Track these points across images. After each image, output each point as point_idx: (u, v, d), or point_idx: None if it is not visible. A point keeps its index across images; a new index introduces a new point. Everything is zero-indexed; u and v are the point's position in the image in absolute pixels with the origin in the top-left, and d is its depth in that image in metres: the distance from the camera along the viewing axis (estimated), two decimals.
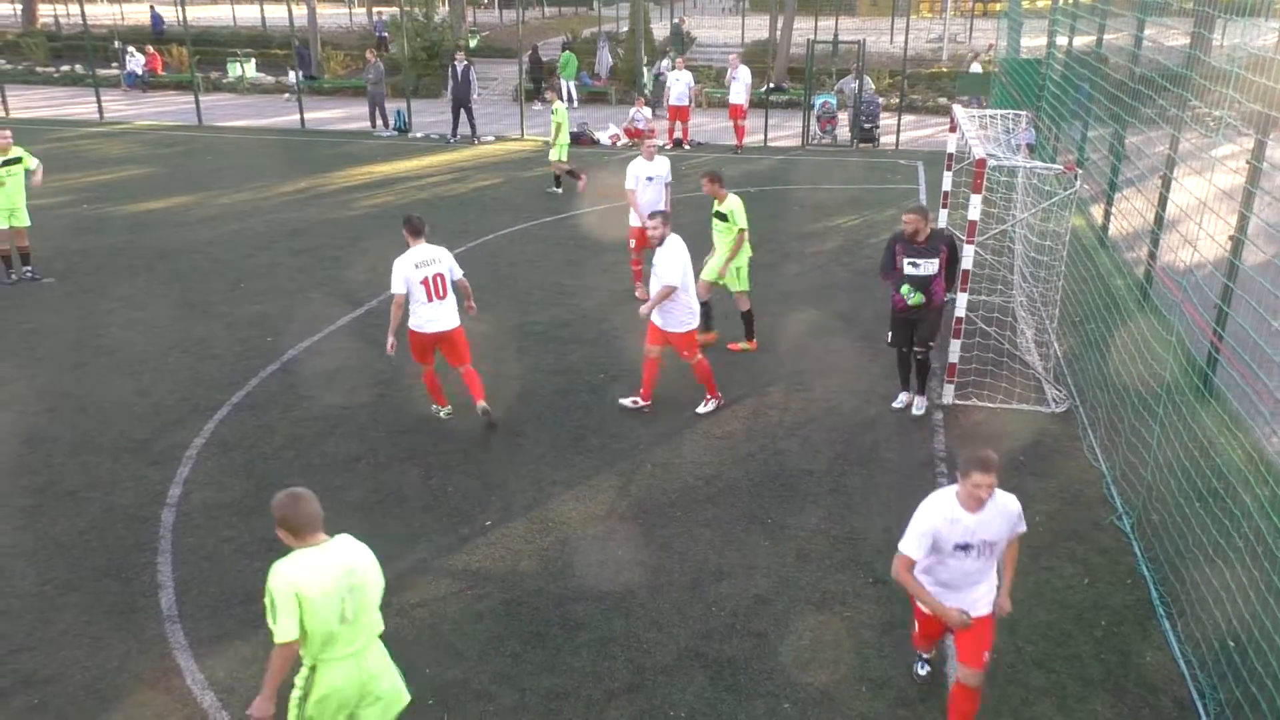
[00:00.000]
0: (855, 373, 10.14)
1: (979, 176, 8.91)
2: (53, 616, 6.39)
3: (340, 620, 4.31)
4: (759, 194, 18.18)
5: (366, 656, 4.48)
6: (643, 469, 8.27)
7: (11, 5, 47.28)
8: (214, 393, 9.59)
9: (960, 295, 9.12)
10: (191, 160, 21.19)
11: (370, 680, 4.49)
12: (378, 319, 11.56)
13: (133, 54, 32.22)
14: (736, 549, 7.15)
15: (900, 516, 7.52)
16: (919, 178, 19.57)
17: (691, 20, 41.06)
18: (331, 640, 4.33)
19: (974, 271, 9.35)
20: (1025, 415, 9.24)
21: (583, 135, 23.37)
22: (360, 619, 4.39)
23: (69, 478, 8.07)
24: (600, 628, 6.32)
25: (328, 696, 4.39)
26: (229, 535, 7.30)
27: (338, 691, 4.40)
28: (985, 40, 33.43)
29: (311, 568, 4.27)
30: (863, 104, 22.76)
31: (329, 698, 4.40)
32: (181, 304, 12.12)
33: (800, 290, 12.75)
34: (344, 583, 4.32)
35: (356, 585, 4.37)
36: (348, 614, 4.32)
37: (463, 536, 7.29)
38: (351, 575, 4.36)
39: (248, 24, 41.64)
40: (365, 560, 4.48)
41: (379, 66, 24.83)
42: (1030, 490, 7.93)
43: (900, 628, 6.30)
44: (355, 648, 4.41)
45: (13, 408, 9.28)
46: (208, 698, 5.71)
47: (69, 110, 27.73)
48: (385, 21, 36.34)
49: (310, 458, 8.41)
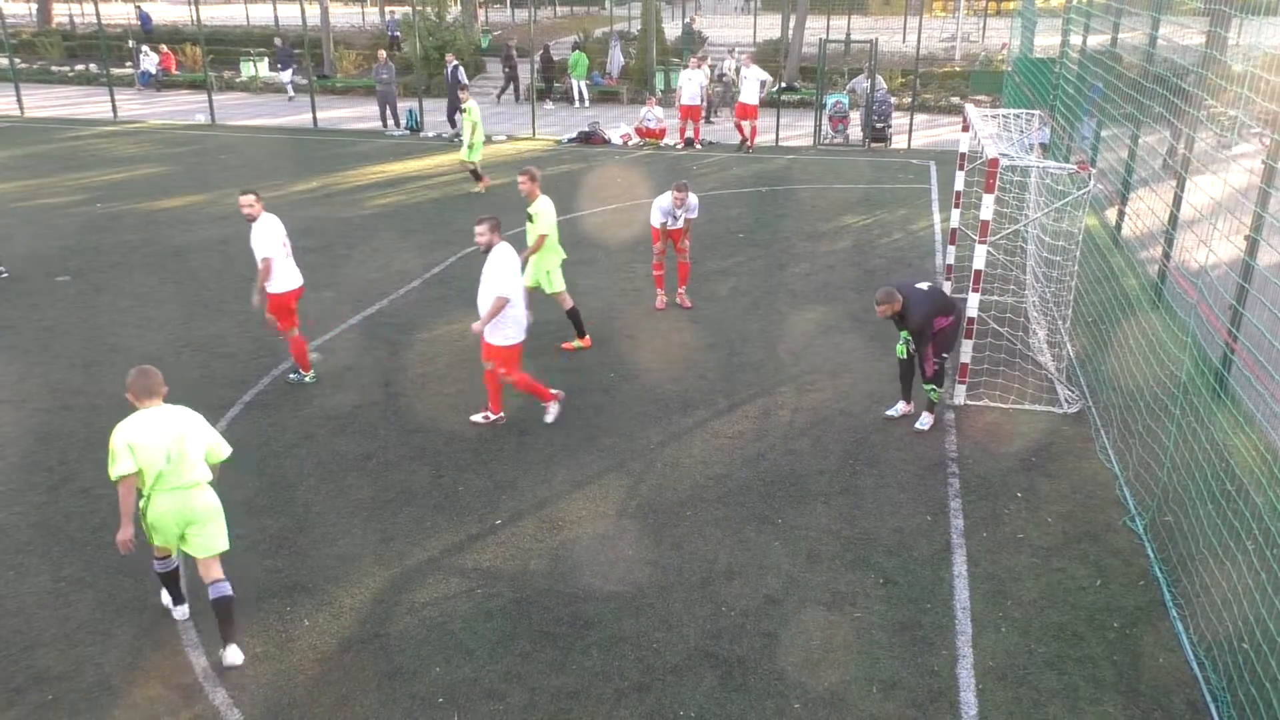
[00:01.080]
0: (866, 373, 10.11)
1: (991, 176, 8.88)
2: (66, 613, 6.42)
3: (166, 462, 5.77)
4: (770, 193, 18.16)
5: (190, 494, 5.89)
6: (653, 469, 8.27)
7: (27, 4, 47.57)
8: (226, 391, 9.62)
9: (972, 295, 9.08)
10: (204, 159, 21.28)
11: (191, 512, 5.91)
12: (391, 317, 11.59)
13: (147, 53, 32.39)
14: (747, 549, 7.14)
15: (912, 517, 7.54)
16: (931, 177, 19.51)
17: (703, 19, 41.03)
18: (160, 478, 5.79)
19: (986, 271, 9.31)
20: (1038, 416, 9.20)
21: (594, 134, 23.38)
22: (181, 464, 5.82)
23: (83, 474, 8.11)
24: (610, 627, 6.31)
25: (160, 517, 5.88)
26: (240, 533, 7.31)
27: (164, 514, 5.87)
28: (998, 39, 33.33)
29: (143, 424, 5.82)
30: (875, 103, 22.70)
31: (161, 518, 5.88)
32: (194, 302, 12.17)
33: (810, 290, 12.73)
34: (167, 435, 5.80)
35: (176, 437, 5.83)
36: (171, 458, 5.78)
37: (473, 535, 7.30)
38: (173, 431, 5.83)
39: (261, 24, 41.80)
40: (189, 423, 5.95)
41: (390, 66, 24.89)
42: (1042, 491, 7.90)
43: (911, 628, 6.29)
44: (178, 484, 5.84)
45: (27, 404, 9.33)
46: (219, 695, 5.73)
47: (83, 109, 27.88)
48: (398, 21, 36.39)
49: (321, 456, 8.43)
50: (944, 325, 8.56)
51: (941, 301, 8.58)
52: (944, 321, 8.56)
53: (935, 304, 8.48)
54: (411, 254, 14.23)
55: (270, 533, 7.31)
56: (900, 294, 8.38)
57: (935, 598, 6.61)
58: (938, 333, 8.55)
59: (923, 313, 8.38)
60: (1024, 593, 6.66)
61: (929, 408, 8.91)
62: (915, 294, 8.44)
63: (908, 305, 8.38)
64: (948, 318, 8.58)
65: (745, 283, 13.03)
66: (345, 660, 6.01)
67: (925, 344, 8.55)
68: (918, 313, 8.38)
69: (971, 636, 6.23)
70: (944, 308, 8.56)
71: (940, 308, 8.52)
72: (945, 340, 8.65)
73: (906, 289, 8.46)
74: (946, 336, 8.64)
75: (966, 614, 6.45)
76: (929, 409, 8.91)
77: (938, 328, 8.52)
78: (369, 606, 6.50)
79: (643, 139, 23.11)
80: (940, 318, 8.52)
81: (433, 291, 12.65)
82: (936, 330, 8.52)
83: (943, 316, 8.54)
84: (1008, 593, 6.66)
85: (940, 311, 8.51)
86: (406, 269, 13.51)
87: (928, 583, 6.77)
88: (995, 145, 9.62)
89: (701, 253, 14.13)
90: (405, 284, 12.89)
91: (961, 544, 7.21)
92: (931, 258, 14.13)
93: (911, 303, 8.38)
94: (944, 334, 8.60)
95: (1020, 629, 6.30)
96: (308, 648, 6.12)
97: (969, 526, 7.42)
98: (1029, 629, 6.29)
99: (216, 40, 33.08)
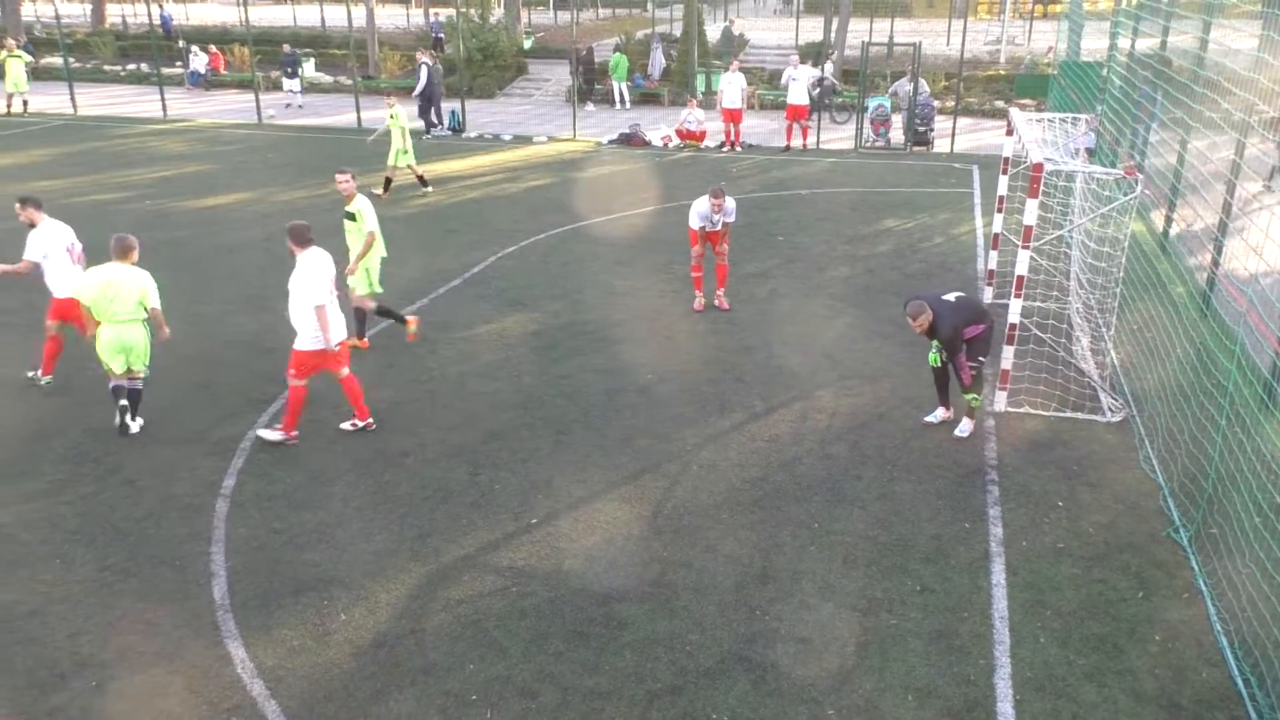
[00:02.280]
0: (905, 378, 10.02)
1: (1036, 181, 8.77)
2: (111, 602, 6.54)
3: (108, 303, 8.41)
4: (810, 196, 18.07)
5: (126, 328, 8.58)
6: (689, 470, 8.26)
7: (81, 5, 48.58)
8: (269, 386, 9.75)
9: (1014, 301, 8.98)
10: (250, 158, 21.59)
11: (126, 341, 8.60)
12: (430, 316, 11.68)
13: (196, 53, 32.94)
14: (782, 553, 7.11)
15: (950, 524, 7.47)
16: (974, 182, 19.31)
17: (744, 22, 40.93)
18: (106, 314, 8.45)
19: (1029, 277, 9.19)
20: (1080, 424, 9.07)
21: (634, 136, 23.41)
22: (116, 305, 8.45)
23: (129, 466, 8.26)
24: (643, 628, 6.32)
25: (106, 343, 8.53)
26: (280, 526, 7.42)
27: (108, 342, 8.53)
28: (1044, 42, 32.92)
29: (101, 273, 8.46)
30: (917, 106, 22.52)
31: (106, 344, 8.54)
32: (239, 298, 12.35)
33: (850, 293, 12.65)
34: (111, 283, 8.43)
35: (117, 284, 8.44)
36: (109, 299, 8.42)
37: (508, 533, 7.34)
38: (116, 280, 8.44)
39: (308, 25, 42.35)
40: (130, 276, 8.53)
41: (437, 67, 25.06)
42: (1084, 500, 7.79)
43: (948, 636, 6.22)
44: (118, 319, 8.50)
45: (77, 395, 9.52)
46: (256, 686, 5.80)
47: (134, 108, 28.40)
48: (441, 23, 36.71)
49: (360, 452, 8.52)
50: (976, 333, 8.48)
51: (970, 311, 8.50)
52: (976, 330, 8.48)
53: (963, 314, 8.41)
54: (451, 253, 14.34)
55: (309, 527, 7.40)
56: (929, 307, 8.34)
57: (973, 606, 6.54)
58: (971, 340, 8.47)
59: (951, 324, 8.32)
60: (1064, 603, 6.56)
61: (969, 413, 8.82)
62: (943, 306, 8.39)
63: (937, 318, 8.33)
64: (979, 326, 8.50)
65: (784, 285, 12.98)
66: (380, 655, 6.07)
67: (957, 353, 8.47)
68: (946, 324, 8.32)
69: (1009, 646, 6.16)
70: (973, 317, 8.49)
71: (969, 317, 8.44)
72: (980, 347, 8.57)
73: (934, 301, 8.41)
74: (981, 343, 8.56)
75: (1005, 623, 6.37)
76: (969, 414, 8.82)
77: (969, 336, 8.45)
78: (404, 602, 6.56)
79: (683, 141, 23.10)
80: (971, 326, 8.44)
81: (472, 290, 12.73)
82: (969, 338, 8.45)
83: (974, 325, 8.46)
84: (1047, 602, 6.57)
85: (970, 321, 8.44)
86: (446, 268, 13.62)
87: (965, 591, 6.70)
88: (1040, 149, 9.49)
89: (740, 255, 14.10)
90: (445, 283, 12.99)
91: (1000, 552, 7.12)
92: (973, 262, 13.99)
93: (940, 315, 8.33)
94: (978, 341, 8.53)
95: (1060, 640, 6.21)
96: (344, 641, 6.18)
97: (1008, 535, 7.33)
98: (1068, 640, 6.20)
99: (264, 41, 33.51)
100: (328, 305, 8.35)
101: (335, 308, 8.51)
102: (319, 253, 8.49)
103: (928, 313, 8.31)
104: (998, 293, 11.98)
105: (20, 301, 11.70)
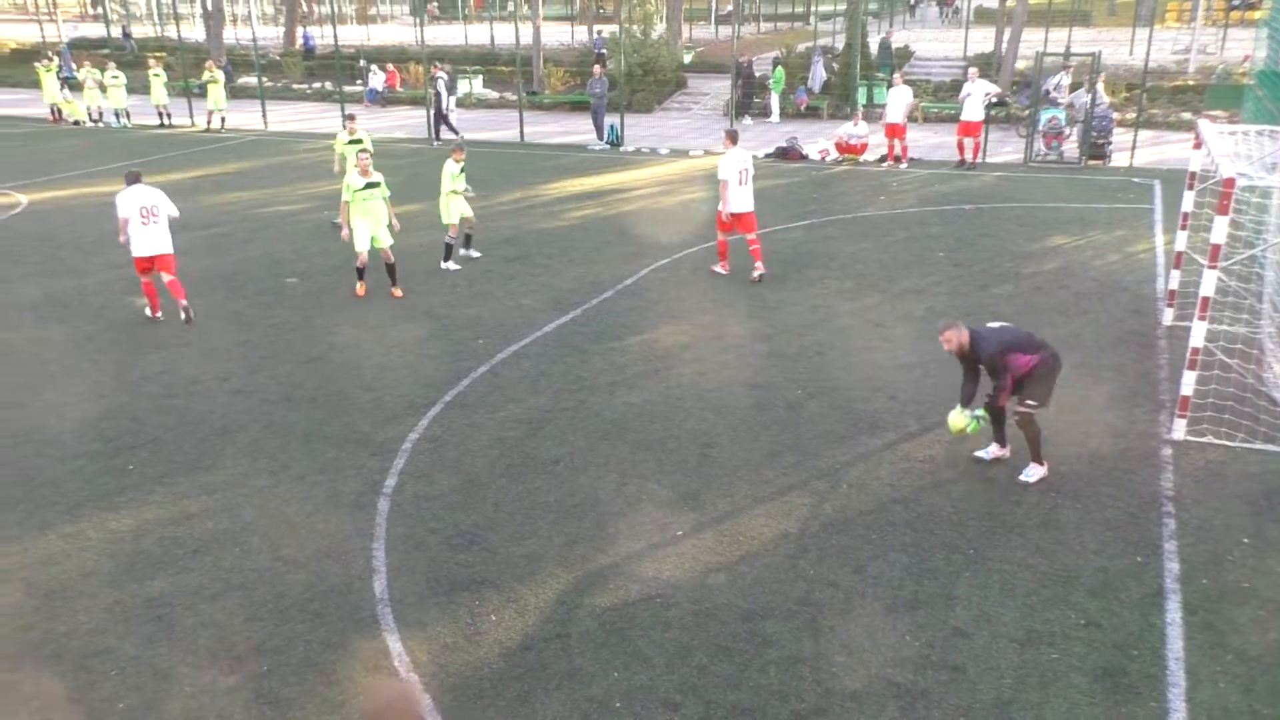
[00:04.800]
0: (1073, 401, 9.53)
1: (1226, 196, 8.20)
2: (282, 590, 6.93)
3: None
4: (974, 212, 17.47)
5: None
6: (839, 489, 8.09)
7: (275, 28, 52.06)
8: (429, 390, 10.14)
9: (1197, 324, 8.41)
10: (423, 170, 22.54)
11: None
12: (583, 326, 11.90)
13: (375, 71, 34.71)
14: (934, 577, 6.87)
15: (1119, 557, 7.04)
16: (1154, 197, 18.23)
17: (909, 33, 40.03)
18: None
19: (1215, 299, 8.60)
20: (1269, 456, 8.40)
21: (791, 149, 23.22)
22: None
23: (301, 462, 8.75)
24: (788, 646, 6.22)
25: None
26: (436, 526, 7.69)
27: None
28: (1239, 51, 30.80)
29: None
30: (1094, 118, 21.45)
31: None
32: (405, 305, 12.90)
33: (1014, 311, 12.13)
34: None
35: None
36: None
37: (654, 544, 7.37)
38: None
39: (478, 44, 43.99)
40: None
41: (604, 80, 25.55)
42: (1272, 537, 7.21)
43: (1115, 675, 5.86)
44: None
45: (255, 395, 10.15)
46: (412, 679, 6.02)
47: (318, 124, 30.15)
48: (604, 39, 37.45)
49: (513, 457, 8.74)
50: (1027, 363, 7.88)
51: (1015, 339, 7.99)
52: (1026, 359, 7.88)
53: (1006, 340, 7.94)
54: (605, 265, 14.57)
55: (462, 528, 7.64)
56: (967, 329, 8.02)
57: (1144, 645, 6.14)
58: (1026, 374, 7.90)
59: (990, 349, 7.90)
60: (1248, 647, 6.08)
61: (1036, 458, 8.20)
62: (984, 330, 8.08)
63: (976, 340, 7.96)
64: (1030, 356, 7.90)
65: (943, 303, 12.58)
66: (528, 658, 6.19)
67: (1002, 376, 7.93)
68: (987, 347, 7.91)
69: (1185, 690, 5.75)
70: (1020, 344, 7.94)
71: (1012, 344, 7.92)
72: (1035, 382, 7.95)
73: (975, 327, 8.12)
74: (1036, 378, 7.94)
75: (1180, 665, 5.95)
76: (1036, 460, 8.20)
77: (1019, 364, 7.87)
78: (552, 607, 6.67)
79: (841, 155, 22.75)
80: (1018, 354, 7.88)
81: (625, 302, 12.89)
82: (1024, 370, 7.88)
83: (1022, 353, 7.89)
84: (1229, 645, 6.10)
85: (1015, 348, 7.90)
86: (600, 280, 13.84)
87: (1136, 628, 6.30)
88: (1232, 163, 8.88)
89: (897, 271, 13.78)
90: (598, 294, 13.21)
91: (1176, 589, 6.67)
92: (1151, 282, 13.19)
93: (980, 337, 7.97)
94: (1033, 375, 7.92)
95: (1242, 686, 5.76)
96: (494, 642, 6.34)
97: (1185, 571, 6.86)
98: (1252, 686, 5.74)
99: (438, 58, 35.02)
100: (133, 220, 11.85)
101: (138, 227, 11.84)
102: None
103: (960, 330, 7.98)
104: (1179, 314, 11.25)
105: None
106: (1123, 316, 11.95)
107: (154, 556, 7.33)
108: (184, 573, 7.13)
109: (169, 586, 6.97)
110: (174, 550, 7.41)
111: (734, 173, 13.53)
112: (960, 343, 8.03)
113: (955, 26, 42.27)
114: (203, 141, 27.40)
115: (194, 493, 8.24)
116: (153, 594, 6.88)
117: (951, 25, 45.63)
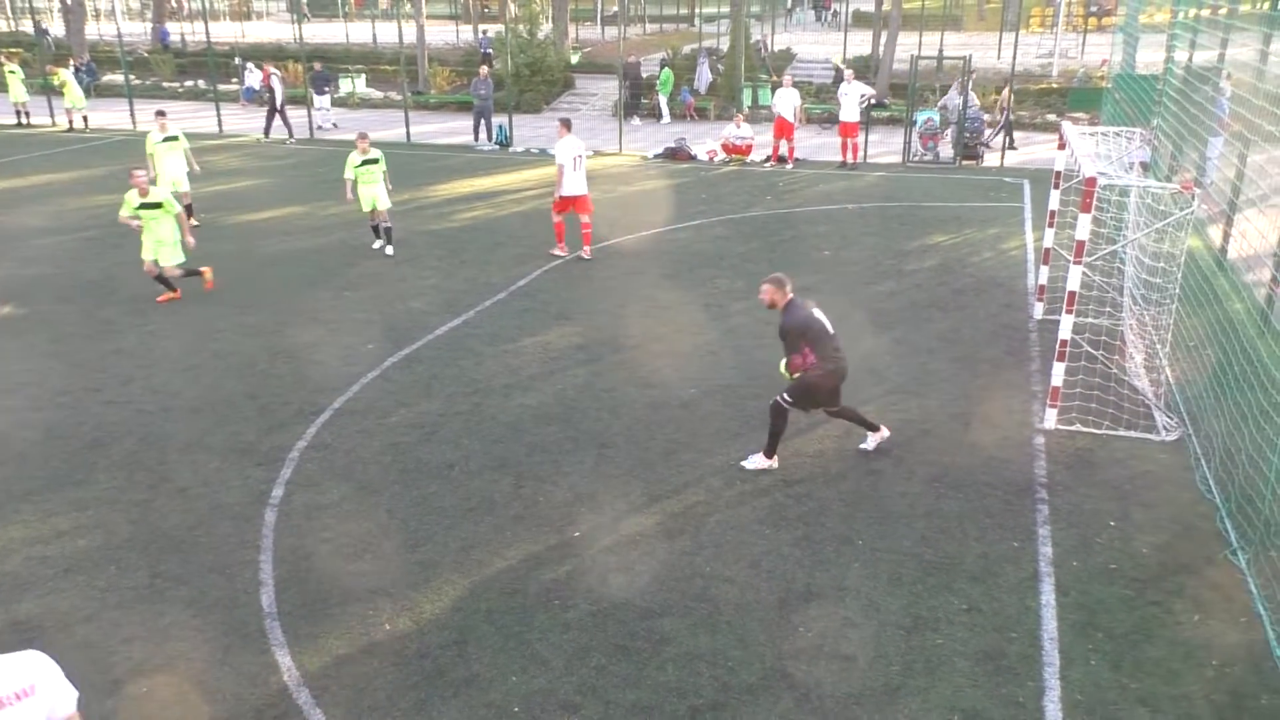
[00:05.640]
0: (952, 394, 9.90)
1: (1088, 195, 8.64)
2: (162, 608, 6.66)
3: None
4: (856, 210, 17.96)
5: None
6: (732, 485, 8.22)
7: (142, 24, 49.89)
8: (317, 397, 9.89)
9: (1065, 317, 8.84)
10: (300, 172, 21.96)
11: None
12: (477, 328, 11.78)
13: (251, 70, 33.60)
14: (826, 569, 7.04)
15: (998, 543, 7.35)
16: (1024, 196, 19.07)
17: (790, 35, 40.88)
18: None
19: (1081, 293, 9.05)
20: (1133, 442, 8.89)
21: (680, 150, 23.45)
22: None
23: (181, 475, 8.41)
24: (686, 643, 6.29)
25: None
26: (327, 537, 7.50)
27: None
28: (1098, 55, 32.45)
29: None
30: (967, 120, 22.31)
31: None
32: (289, 310, 12.54)
33: (897, 309, 12.53)
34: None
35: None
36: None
37: (551, 546, 7.35)
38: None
39: (360, 42, 43.03)
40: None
41: (489, 81, 25.32)
42: (1137, 520, 7.62)
43: (995, 657, 6.12)
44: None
45: (130, 406, 9.72)
46: (302, 694, 5.86)
47: (191, 124, 29.00)
48: (490, 39, 37.09)
49: (406, 463, 8.60)
50: (810, 363, 8.02)
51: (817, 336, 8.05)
52: (811, 360, 8.00)
53: (810, 332, 8.02)
54: (497, 266, 14.45)
55: (354, 537, 7.47)
56: (790, 294, 8.15)
57: (1021, 627, 6.42)
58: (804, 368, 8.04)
59: (790, 324, 8.04)
60: (1116, 625, 6.42)
61: (766, 451, 8.40)
62: (804, 310, 8.14)
63: (788, 308, 8.10)
64: (817, 359, 8.00)
65: (829, 300, 12.82)
66: (424, 665, 6.10)
67: (788, 352, 8.10)
68: (789, 321, 8.05)
69: (1059, 668, 6.04)
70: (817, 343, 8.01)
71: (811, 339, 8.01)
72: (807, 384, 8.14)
73: (799, 300, 8.21)
74: (809, 380, 8.11)
75: (1054, 645, 6.25)
76: (766, 454, 8.40)
77: (805, 357, 8.00)
78: (448, 613, 6.59)
79: (729, 155, 23.09)
80: (809, 348, 7.98)
81: (518, 304, 12.81)
82: (803, 366, 8.02)
83: (811, 350, 7.98)
84: (1099, 624, 6.43)
85: (811, 341, 8.00)
86: (492, 281, 13.72)
87: (1013, 611, 6.58)
88: (1093, 163, 9.35)
89: (784, 269, 14.00)
90: (491, 296, 13.09)
91: (1050, 572, 6.99)
92: (1023, 278, 13.80)
93: (793, 307, 8.10)
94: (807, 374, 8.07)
95: (1112, 662, 6.08)
96: (388, 651, 6.23)
97: (1058, 554, 7.20)
98: (1121, 663, 6.07)
99: (317, 58, 34.13)
100: None
101: None
102: None
103: (783, 291, 8.11)
104: (1049, 308, 11.80)
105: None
106: (997, 311, 12.46)
107: (21, 577, 6.95)
108: (54, 594, 6.78)
109: (37, 609, 6.62)
110: (42, 570, 7.04)
111: (569, 158, 14.37)
112: (773, 300, 8.18)
113: (835, 29, 43.34)
114: (66, 142, 26.08)
115: (64, 509, 7.85)
116: (20, 617, 6.53)
117: (831, 28, 46.78)
